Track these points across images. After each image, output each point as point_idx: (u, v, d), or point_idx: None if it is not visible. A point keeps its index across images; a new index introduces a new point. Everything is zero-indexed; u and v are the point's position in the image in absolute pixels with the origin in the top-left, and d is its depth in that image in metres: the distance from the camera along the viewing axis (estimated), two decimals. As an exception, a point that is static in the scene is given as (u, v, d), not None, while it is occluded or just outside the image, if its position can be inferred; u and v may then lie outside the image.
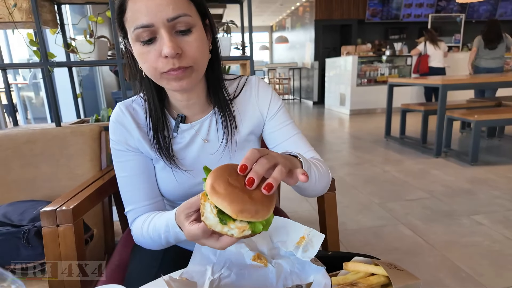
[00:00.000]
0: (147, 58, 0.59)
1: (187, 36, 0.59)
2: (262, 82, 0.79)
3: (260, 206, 0.40)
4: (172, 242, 0.63)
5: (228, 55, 1.77)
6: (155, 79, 0.63)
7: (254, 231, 0.42)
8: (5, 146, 1.17)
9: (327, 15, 8.08)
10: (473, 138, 3.04)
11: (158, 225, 0.62)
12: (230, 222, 0.42)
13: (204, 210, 0.44)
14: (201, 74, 0.65)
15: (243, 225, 0.41)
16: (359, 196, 2.54)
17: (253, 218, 0.40)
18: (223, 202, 0.40)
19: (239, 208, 0.39)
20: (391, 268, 0.50)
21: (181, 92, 0.68)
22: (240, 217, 0.40)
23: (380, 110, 6.62)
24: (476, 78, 3.69)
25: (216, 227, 0.43)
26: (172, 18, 0.56)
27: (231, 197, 0.40)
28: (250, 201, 0.40)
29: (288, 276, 0.55)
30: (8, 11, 1.38)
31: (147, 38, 0.57)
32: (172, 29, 0.57)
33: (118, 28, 0.63)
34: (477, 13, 8.18)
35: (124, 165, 0.71)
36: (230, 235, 0.42)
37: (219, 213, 0.42)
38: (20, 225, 0.91)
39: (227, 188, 0.41)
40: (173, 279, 0.49)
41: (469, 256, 1.68)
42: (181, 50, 0.58)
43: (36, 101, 4.17)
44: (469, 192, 2.50)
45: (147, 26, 0.56)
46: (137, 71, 0.68)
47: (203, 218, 0.44)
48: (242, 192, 0.41)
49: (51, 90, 1.51)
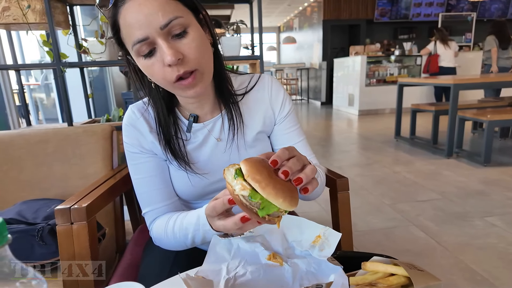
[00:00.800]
0: (153, 71, 0.58)
1: (184, 38, 0.57)
2: (275, 81, 0.78)
3: (289, 196, 0.42)
4: (198, 243, 0.63)
5: (238, 54, 1.77)
6: (168, 89, 0.63)
7: (251, 196, 0.43)
8: (18, 146, 1.18)
9: (335, 15, 8.03)
10: (486, 139, 2.98)
11: (185, 224, 0.62)
12: (239, 178, 0.44)
13: (232, 167, 0.47)
14: (209, 73, 0.64)
15: (246, 185, 0.43)
16: (369, 197, 2.51)
17: (276, 199, 0.41)
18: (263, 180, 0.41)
19: (276, 191, 0.41)
20: (411, 268, 0.49)
21: (196, 98, 0.67)
22: (266, 192, 0.41)
23: (389, 110, 6.55)
24: (488, 77, 3.62)
25: (228, 177, 0.46)
26: (164, 25, 0.55)
27: (271, 180, 0.42)
28: (274, 181, 0.42)
29: (305, 276, 0.54)
30: (22, 13, 1.41)
31: (147, 51, 0.56)
32: (167, 35, 0.56)
33: (119, 47, 0.62)
34: (488, 11, 8.04)
35: (139, 167, 0.71)
36: (232, 190, 0.44)
37: (237, 169, 0.45)
38: (34, 223, 0.92)
39: (265, 172, 0.43)
40: (190, 277, 0.49)
41: (484, 258, 1.64)
42: (182, 55, 0.56)
43: (47, 102, 4.23)
44: (482, 193, 2.45)
45: (143, 40, 0.55)
46: (144, 84, 0.68)
47: (226, 169, 0.47)
48: (268, 173, 0.43)
49: (63, 90, 1.52)
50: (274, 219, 0.45)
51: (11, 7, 1.41)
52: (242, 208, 0.44)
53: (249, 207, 0.43)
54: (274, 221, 0.45)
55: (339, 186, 0.90)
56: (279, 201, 0.40)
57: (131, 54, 0.60)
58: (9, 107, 1.98)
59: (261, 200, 0.42)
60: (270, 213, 0.43)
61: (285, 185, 0.42)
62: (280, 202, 0.40)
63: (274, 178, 0.42)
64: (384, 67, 6.51)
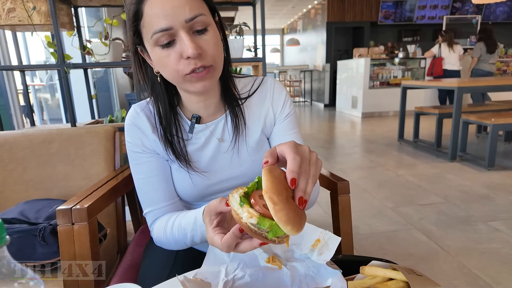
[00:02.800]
0: (167, 61, 0.59)
1: (204, 35, 0.59)
2: (278, 84, 0.78)
3: (298, 223, 0.41)
4: (197, 242, 0.63)
5: (241, 57, 1.77)
6: (177, 82, 0.63)
7: (259, 223, 0.42)
8: (22, 146, 1.19)
9: (339, 17, 8.03)
10: (490, 142, 2.96)
11: (184, 224, 0.62)
12: (246, 205, 0.44)
13: (235, 192, 0.46)
14: (220, 72, 0.65)
15: (254, 212, 0.43)
16: (372, 200, 2.50)
17: (286, 226, 0.40)
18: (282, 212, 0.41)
19: (292, 222, 0.40)
20: (410, 273, 0.49)
21: (203, 93, 0.67)
22: (278, 217, 0.40)
23: (393, 113, 6.53)
24: (493, 80, 3.60)
25: (233, 205, 0.45)
26: (190, 18, 0.57)
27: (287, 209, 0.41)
28: (289, 206, 0.41)
29: (303, 279, 0.54)
30: (27, 14, 1.42)
31: (166, 41, 0.57)
32: (190, 29, 0.58)
33: (133, 35, 0.62)
34: (493, 14, 8.00)
35: (141, 167, 0.71)
36: (239, 218, 0.44)
37: (242, 196, 0.45)
38: (36, 223, 0.93)
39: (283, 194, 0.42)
40: (188, 279, 0.49)
41: (487, 263, 1.63)
42: (201, 50, 0.58)
43: (51, 102, 4.26)
44: (486, 198, 2.44)
45: (166, 29, 0.56)
46: (146, 77, 0.68)
47: (230, 195, 0.47)
48: (286, 196, 0.42)
49: (67, 91, 1.54)
50: (283, 240, 0.45)
51: (16, 9, 1.42)
52: (250, 233, 0.44)
53: (257, 232, 0.43)
54: (283, 241, 0.45)
55: (340, 189, 0.89)
56: (287, 228, 0.40)
57: (147, 43, 0.61)
58: (13, 107, 2.00)
59: (270, 224, 0.42)
60: (278, 235, 0.43)
61: (296, 210, 0.42)
62: (288, 229, 0.40)
63: (290, 202, 0.42)
64: (388, 69, 6.49)
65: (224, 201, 0.49)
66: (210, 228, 0.51)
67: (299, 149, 0.46)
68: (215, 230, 0.50)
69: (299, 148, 0.46)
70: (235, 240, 0.47)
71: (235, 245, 0.48)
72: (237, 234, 0.47)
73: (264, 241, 0.44)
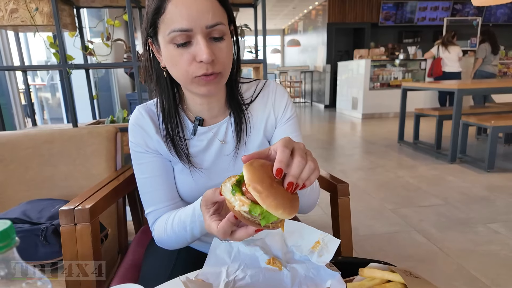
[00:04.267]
0: (179, 60, 0.60)
1: (220, 43, 0.61)
2: (280, 87, 0.79)
3: (289, 206, 0.42)
4: (197, 235, 0.63)
5: (242, 58, 1.78)
6: (184, 82, 0.64)
7: (251, 211, 0.43)
8: (25, 146, 1.20)
9: (340, 18, 8.05)
10: (489, 144, 2.97)
11: (183, 217, 0.63)
12: (237, 194, 0.44)
13: (228, 181, 0.47)
14: (226, 79, 0.67)
15: (245, 200, 0.44)
16: (371, 201, 2.50)
17: (276, 210, 0.41)
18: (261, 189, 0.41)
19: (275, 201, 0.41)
20: (408, 275, 0.49)
21: (207, 96, 0.69)
22: (266, 204, 0.41)
23: (393, 114, 6.53)
24: (493, 83, 3.61)
25: (226, 194, 0.46)
26: (211, 25, 0.58)
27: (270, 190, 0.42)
28: (275, 191, 0.42)
29: (303, 281, 0.54)
30: (30, 15, 1.43)
31: (182, 41, 0.58)
32: (207, 35, 0.59)
33: (149, 27, 0.63)
34: (494, 16, 8.01)
35: (144, 167, 0.72)
36: (232, 206, 0.44)
37: (234, 184, 0.45)
38: (39, 223, 0.94)
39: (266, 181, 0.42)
40: (190, 280, 0.50)
41: (486, 265, 1.63)
42: (214, 56, 0.59)
43: (52, 102, 4.27)
44: (485, 200, 2.44)
45: (186, 30, 0.57)
46: (153, 70, 0.69)
47: (223, 185, 0.47)
48: (270, 182, 0.42)
49: (69, 91, 1.54)
50: (277, 225, 0.45)
51: (19, 9, 1.44)
52: (244, 221, 0.45)
53: (251, 220, 0.44)
54: (278, 226, 0.46)
55: (340, 191, 0.90)
56: (278, 212, 0.41)
57: (161, 38, 0.61)
58: (15, 107, 2.01)
59: (261, 211, 0.43)
60: (271, 222, 0.44)
61: (284, 194, 0.42)
62: (280, 213, 0.41)
63: (275, 187, 0.42)
64: (388, 70, 6.50)
65: (218, 191, 0.50)
66: (207, 216, 0.52)
67: (291, 142, 0.46)
68: (211, 217, 0.52)
69: (291, 142, 0.46)
70: (230, 227, 0.48)
71: (232, 233, 0.49)
72: (232, 220, 0.48)
73: (258, 227, 0.45)
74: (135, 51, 1.60)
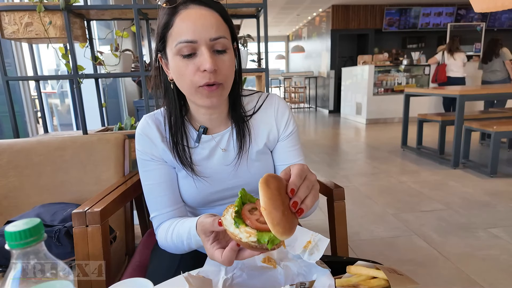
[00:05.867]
0: (185, 71, 0.66)
1: (222, 55, 0.66)
2: (282, 101, 0.84)
3: (291, 229, 0.45)
4: (195, 248, 0.69)
5: (245, 67, 1.85)
6: (189, 92, 0.69)
7: (259, 240, 0.46)
8: (38, 152, 1.27)
9: (344, 24, 8.11)
10: (492, 150, 2.98)
11: (181, 232, 0.68)
12: (242, 226, 0.47)
13: (226, 213, 0.50)
14: (228, 91, 0.72)
15: (251, 231, 0.47)
16: (373, 206, 2.53)
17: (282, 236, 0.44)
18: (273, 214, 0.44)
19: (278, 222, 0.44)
20: (391, 272, 0.54)
21: (210, 108, 0.74)
22: (275, 230, 0.44)
23: (398, 119, 6.54)
24: (494, 88, 3.62)
25: (229, 228, 0.48)
26: (214, 38, 0.64)
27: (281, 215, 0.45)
28: (285, 218, 0.45)
29: (296, 278, 0.59)
30: (44, 28, 1.51)
31: (188, 52, 0.64)
32: (211, 47, 0.65)
33: (158, 42, 0.69)
34: (498, 21, 8.01)
35: (149, 174, 0.77)
36: (238, 239, 0.47)
37: (235, 217, 0.48)
38: (52, 225, 0.99)
39: (280, 209, 0.46)
40: (191, 275, 0.55)
41: (486, 269, 1.66)
42: (217, 67, 0.65)
43: (62, 108, 4.38)
44: (487, 205, 2.46)
45: (191, 41, 0.63)
46: (162, 84, 0.75)
47: (222, 218, 0.50)
48: (282, 210, 0.46)
49: (79, 100, 1.62)
50: (279, 245, 0.49)
51: (33, 23, 1.52)
52: (250, 249, 0.48)
53: (258, 247, 0.47)
54: (280, 245, 0.49)
55: (336, 196, 0.95)
56: (283, 237, 0.45)
57: (169, 51, 0.67)
58: (28, 115, 2.10)
59: (269, 237, 0.46)
60: (276, 243, 0.47)
61: (289, 218, 0.46)
62: (284, 238, 0.45)
63: (286, 214, 0.45)
64: (392, 76, 6.53)
65: (217, 221, 0.53)
66: (208, 245, 0.56)
67: (305, 172, 0.51)
68: (213, 246, 0.56)
69: (307, 172, 0.51)
70: (234, 254, 0.52)
71: (236, 255, 0.53)
72: (235, 248, 0.52)
73: (263, 251, 0.49)
74: (143, 61, 1.67)
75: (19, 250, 0.34)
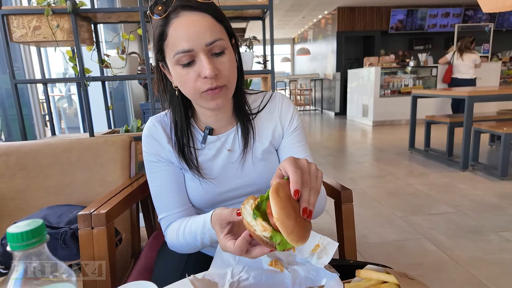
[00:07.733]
0: (186, 79, 0.65)
1: (221, 57, 0.65)
2: (286, 99, 0.84)
3: (305, 237, 0.46)
4: (207, 244, 0.68)
5: (251, 69, 1.84)
6: (193, 98, 0.70)
7: (272, 237, 0.47)
8: (46, 154, 1.28)
9: (350, 26, 8.08)
10: (502, 152, 2.93)
11: (194, 228, 0.67)
12: (259, 219, 0.48)
13: (246, 203, 0.50)
14: (232, 91, 0.71)
15: (267, 226, 0.47)
16: (381, 209, 2.50)
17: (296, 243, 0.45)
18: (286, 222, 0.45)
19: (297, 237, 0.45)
20: (402, 277, 0.52)
21: (216, 109, 0.73)
22: (290, 239, 0.44)
23: (405, 121, 6.48)
24: (502, 89, 3.56)
25: (246, 217, 0.49)
26: (210, 43, 0.63)
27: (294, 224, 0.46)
28: (298, 226, 0.45)
29: (303, 282, 0.58)
30: (51, 32, 1.52)
31: (187, 61, 0.64)
32: (209, 52, 0.64)
33: (157, 53, 0.69)
34: (507, 22, 7.90)
35: (157, 175, 0.77)
36: (253, 230, 0.48)
37: (255, 208, 0.48)
38: (58, 227, 1.00)
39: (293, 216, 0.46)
40: (197, 278, 0.54)
41: (497, 274, 1.62)
42: (217, 71, 0.64)
43: (69, 111, 4.42)
44: (498, 208, 2.41)
45: (188, 51, 0.62)
46: (166, 90, 0.75)
47: (242, 207, 0.50)
48: (295, 217, 0.46)
49: (86, 102, 1.63)
50: (289, 249, 0.49)
51: (41, 27, 1.53)
52: (261, 243, 0.48)
53: (269, 243, 0.48)
54: (290, 249, 0.49)
55: (343, 198, 0.93)
56: (297, 244, 0.45)
57: (168, 61, 0.67)
58: (36, 118, 2.12)
59: (281, 239, 0.46)
60: (286, 247, 0.48)
61: (303, 226, 0.46)
62: (298, 245, 0.45)
63: (298, 222, 0.46)
64: (399, 78, 6.47)
65: (235, 212, 0.54)
66: (221, 235, 0.56)
67: (298, 162, 0.51)
68: (226, 237, 0.56)
69: (298, 161, 0.51)
70: (246, 244, 0.52)
71: (247, 251, 0.53)
72: (248, 239, 0.52)
73: (272, 249, 0.49)
74: (149, 64, 1.68)
75: (21, 251, 0.33)
